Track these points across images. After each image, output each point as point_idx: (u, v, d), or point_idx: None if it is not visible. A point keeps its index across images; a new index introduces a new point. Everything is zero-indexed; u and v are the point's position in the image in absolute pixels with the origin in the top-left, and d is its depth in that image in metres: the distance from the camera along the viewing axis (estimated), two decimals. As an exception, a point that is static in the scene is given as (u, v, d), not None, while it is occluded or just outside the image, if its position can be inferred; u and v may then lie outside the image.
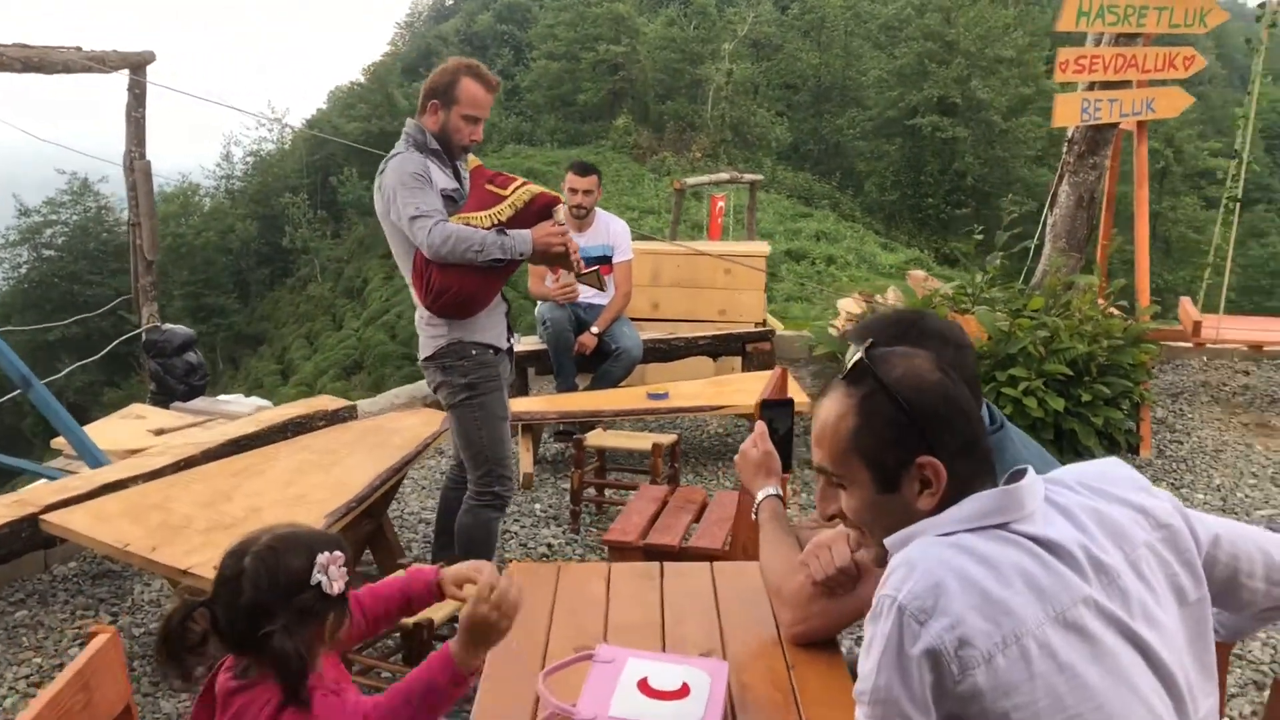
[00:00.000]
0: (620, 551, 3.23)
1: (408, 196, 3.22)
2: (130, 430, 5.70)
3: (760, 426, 2.18)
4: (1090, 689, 1.26)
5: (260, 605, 1.55)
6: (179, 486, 3.55)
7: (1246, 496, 4.95)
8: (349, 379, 31.84)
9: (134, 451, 5.01)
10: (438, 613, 2.91)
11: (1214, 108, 38.74)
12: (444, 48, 50.58)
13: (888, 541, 1.42)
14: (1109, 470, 1.50)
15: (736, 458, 2.21)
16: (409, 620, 2.85)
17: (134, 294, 7.96)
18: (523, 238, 3.29)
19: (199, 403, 7.03)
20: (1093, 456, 5.03)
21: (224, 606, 1.58)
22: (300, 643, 1.56)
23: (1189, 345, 6.56)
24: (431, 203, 3.23)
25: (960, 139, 36.71)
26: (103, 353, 8.80)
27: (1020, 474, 1.40)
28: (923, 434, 1.39)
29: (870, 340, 1.47)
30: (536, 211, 3.39)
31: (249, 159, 49.08)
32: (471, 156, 3.50)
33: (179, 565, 3.01)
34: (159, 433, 5.60)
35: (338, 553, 1.61)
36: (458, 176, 3.45)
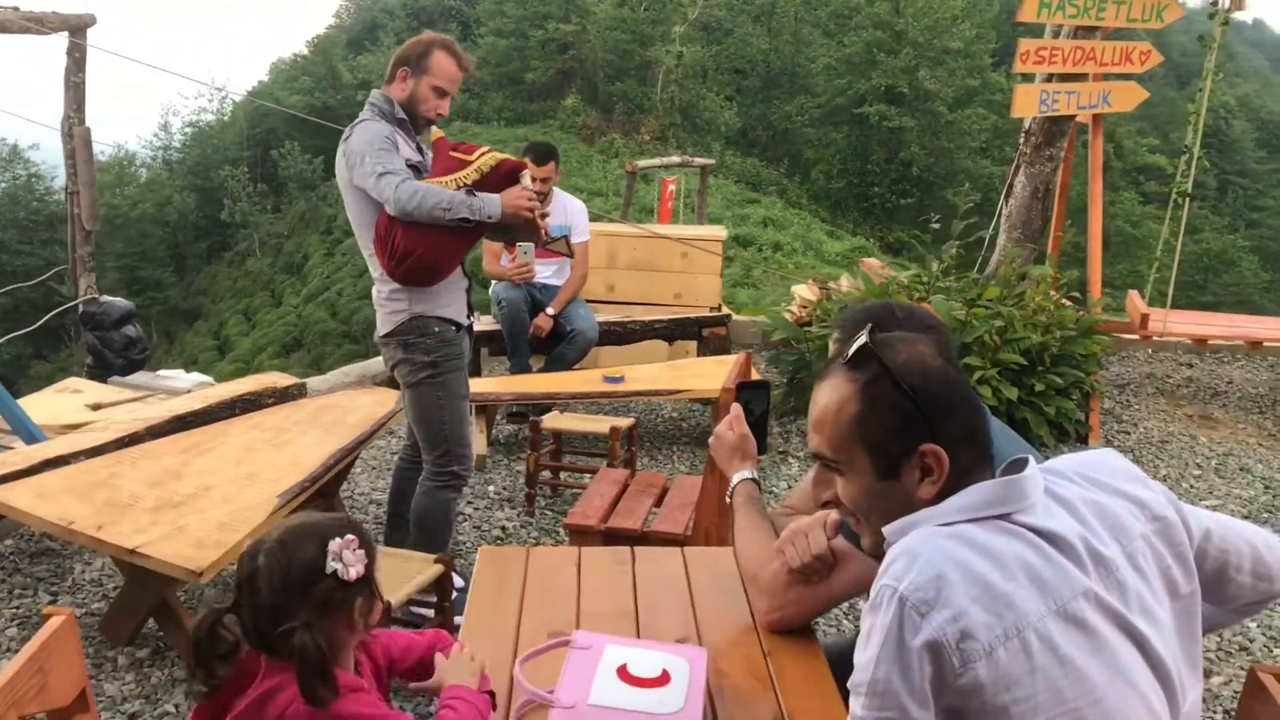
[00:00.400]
0: (581, 535, 3.19)
1: (374, 158, 3.16)
2: (66, 405, 5.54)
3: (736, 409, 2.15)
4: (1089, 682, 1.25)
5: (279, 603, 1.50)
6: (125, 463, 3.44)
7: (1191, 487, 5.04)
8: (288, 356, 31.33)
9: (71, 427, 4.86)
10: (393, 595, 2.85)
11: (1153, 105, 39.43)
12: (389, 21, 49.91)
13: (887, 530, 1.39)
14: (1107, 462, 1.48)
15: (711, 440, 2.18)
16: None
17: (71, 264, 7.74)
18: (491, 200, 3.23)
19: (138, 377, 6.85)
20: (1043, 446, 5.12)
21: (247, 609, 1.53)
22: (323, 636, 1.50)
23: (1135, 338, 6.66)
24: (398, 164, 3.18)
25: (907, 129, 37.01)
26: (39, 324, 8.57)
27: (1021, 464, 1.38)
28: (927, 421, 1.37)
29: (871, 325, 1.44)
30: (503, 176, 3.32)
31: (187, 130, 47.99)
32: (435, 129, 3.43)
33: (126, 545, 2.92)
34: (96, 407, 5.45)
35: (350, 536, 1.54)
36: (420, 150, 3.39)
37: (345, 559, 1.53)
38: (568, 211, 5.59)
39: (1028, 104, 5.79)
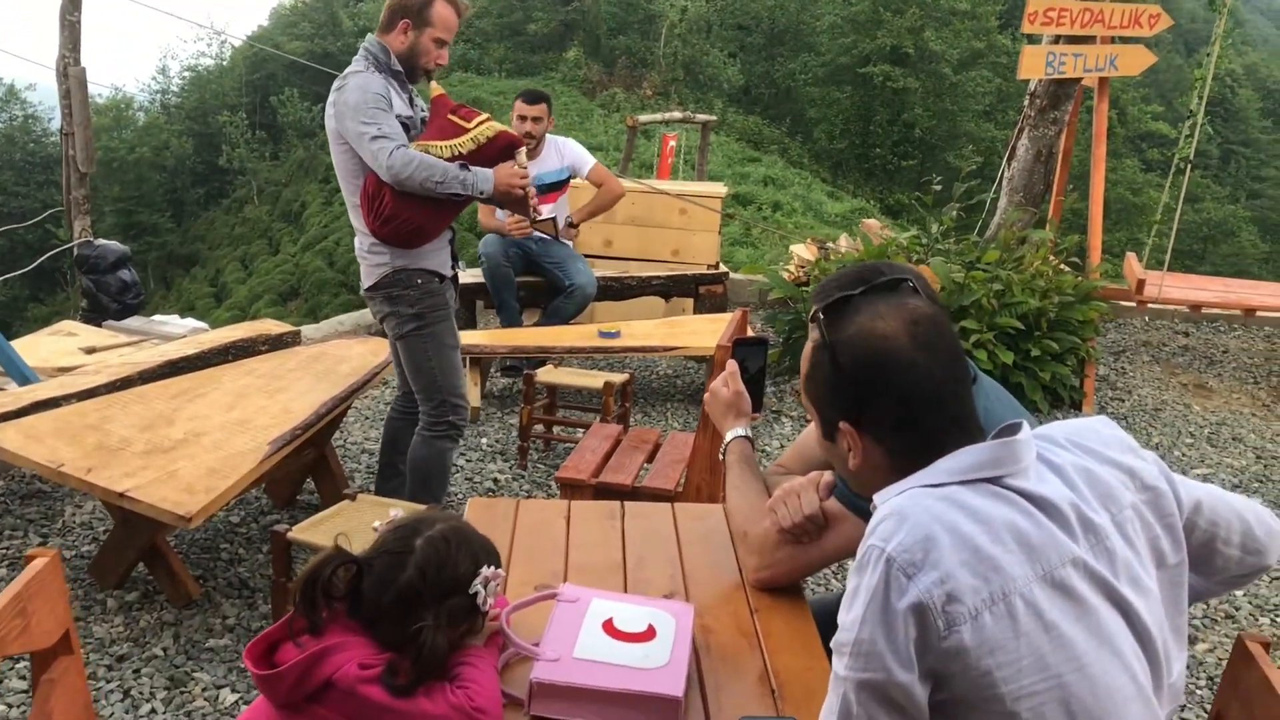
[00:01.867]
0: (572, 489, 3.19)
1: (367, 118, 3.11)
2: (60, 347, 5.52)
3: (732, 365, 2.13)
4: (1073, 649, 1.24)
5: (418, 592, 1.48)
6: (116, 407, 3.43)
7: (1183, 455, 5.04)
8: (285, 305, 31.26)
9: (64, 370, 4.84)
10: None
11: (1158, 71, 39.18)
12: (392, -33, 49.15)
13: (876, 496, 1.38)
14: (1099, 429, 1.47)
15: (706, 396, 2.16)
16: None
17: (66, 207, 7.68)
18: (484, 176, 3.20)
19: (133, 322, 6.83)
20: (1037, 411, 5.12)
21: (378, 576, 1.50)
22: (448, 641, 1.50)
23: (1132, 305, 6.65)
24: (393, 126, 3.14)
25: (910, 90, 36.72)
26: (33, 265, 8.51)
27: (1015, 428, 1.37)
28: (854, 399, 1.39)
29: (847, 291, 1.43)
30: (499, 149, 3.29)
31: (186, 74, 47.54)
32: (435, 84, 3.38)
33: (116, 488, 2.91)
34: (90, 351, 5.43)
35: (499, 570, 1.55)
36: (412, 104, 3.34)
37: (489, 589, 1.53)
38: (563, 153, 5.54)
39: (1034, 65, 5.74)
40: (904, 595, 1.23)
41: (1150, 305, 6.43)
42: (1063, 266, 5.67)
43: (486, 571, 1.53)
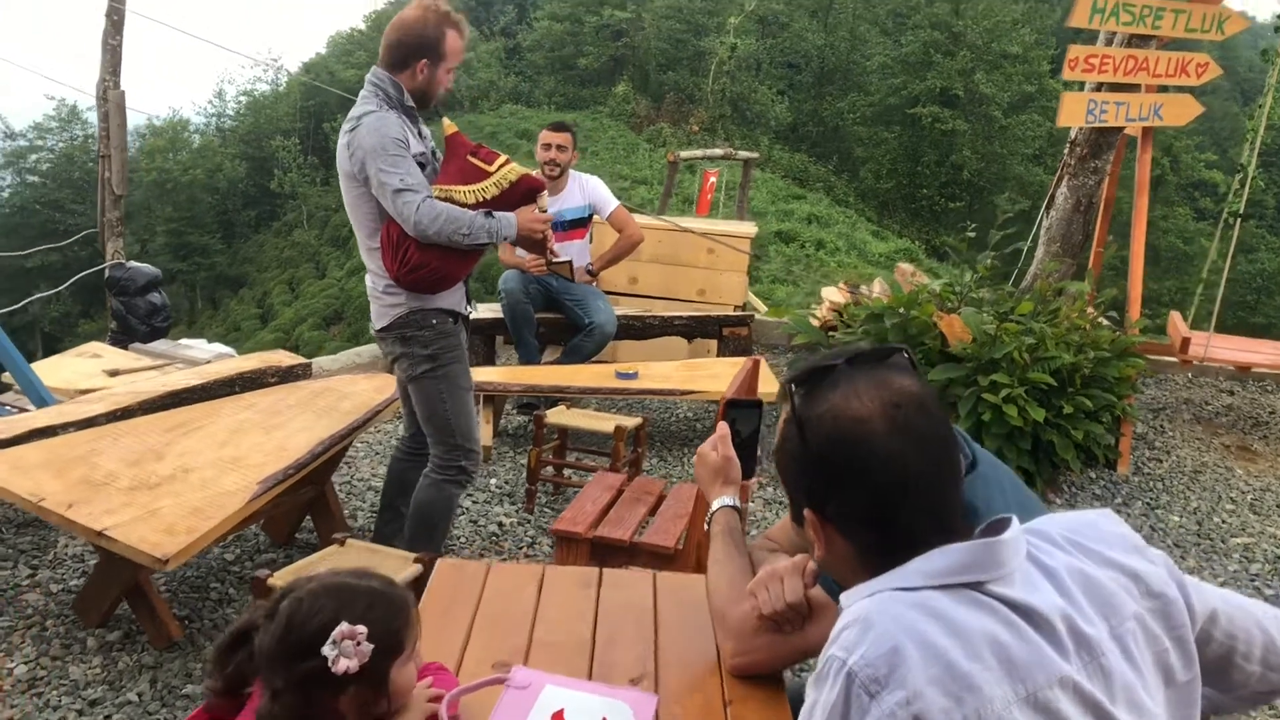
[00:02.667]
0: (568, 543, 3.05)
1: (388, 164, 3.01)
2: (84, 369, 5.52)
3: (722, 428, 1.99)
4: None
5: (270, 657, 1.37)
6: (108, 439, 3.35)
7: (1223, 522, 4.81)
8: (328, 329, 31.55)
9: (85, 392, 4.82)
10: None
11: (1214, 119, 38.67)
12: None
13: (842, 596, 1.24)
14: (1100, 525, 1.31)
15: (694, 459, 2.03)
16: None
17: (100, 228, 7.73)
18: (508, 221, 3.14)
19: (159, 345, 6.82)
20: (1069, 470, 4.91)
21: (258, 641, 1.41)
22: (288, 714, 1.36)
23: (1174, 360, 6.41)
24: (415, 174, 3.04)
25: (959, 132, 36.51)
26: (64, 286, 8.58)
27: (1002, 525, 1.22)
28: (821, 486, 1.25)
29: (827, 361, 1.29)
30: (522, 194, 3.21)
31: (242, 98, 48.43)
32: (447, 121, 3.29)
33: (94, 526, 2.82)
34: (114, 373, 5.42)
35: (361, 627, 1.38)
36: (421, 136, 3.25)
37: (343, 648, 1.37)
38: (585, 190, 5.48)
39: (1074, 113, 5.56)
40: (865, 715, 1.08)
41: (1194, 363, 6.19)
42: (1101, 320, 5.46)
43: (340, 629, 1.36)
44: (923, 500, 1.21)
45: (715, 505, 1.94)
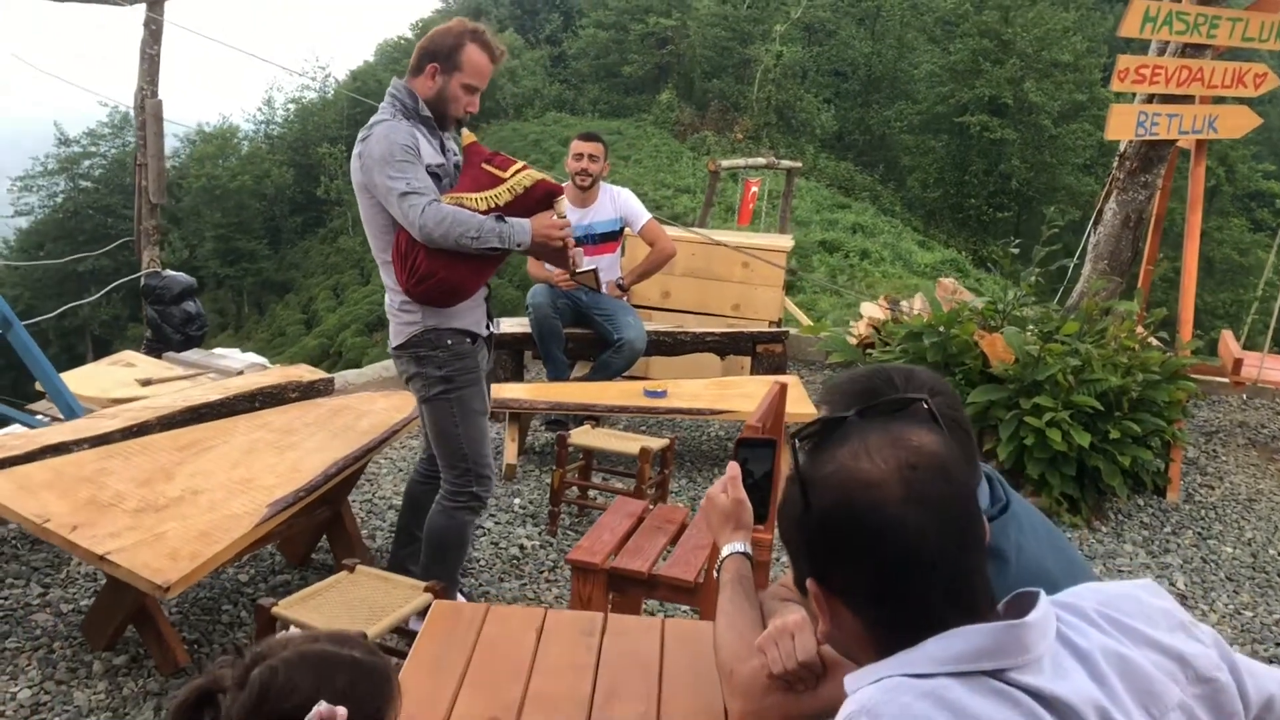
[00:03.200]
0: (584, 573, 2.93)
1: (396, 171, 2.92)
2: (117, 378, 5.52)
3: (733, 468, 1.86)
4: None
5: None
6: (119, 458, 3.28)
7: (1279, 555, 4.59)
8: (370, 335, 31.72)
9: (118, 401, 4.80)
10: (372, 627, 2.63)
11: (1273, 129, 37.77)
12: (494, 8, 50.17)
13: (848, 678, 1.11)
14: (1141, 599, 1.16)
15: (703, 502, 1.90)
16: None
17: (136, 236, 7.77)
18: (522, 227, 3.00)
19: (192, 354, 6.82)
20: (1115, 497, 4.71)
21: (226, 708, 1.31)
22: None
23: (1226, 381, 6.17)
24: (423, 179, 2.95)
25: (1008, 141, 35.99)
26: (100, 294, 8.65)
27: (1029, 601, 1.08)
28: (824, 555, 1.12)
29: (837, 411, 1.16)
30: (538, 199, 3.09)
31: (290, 106, 48.93)
32: (466, 131, 3.19)
33: (97, 550, 2.75)
34: (146, 383, 5.40)
35: (341, 709, 1.26)
36: (444, 150, 3.15)
37: None
38: (617, 203, 5.38)
39: (1123, 126, 5.35)
40: None
41: (1247, 384, 5.95)
42: (1151, 340, 5.26)
43: (318, 709, 1.25)
44: (940, 576, 1.07)
45: (725, 551, 1.81)
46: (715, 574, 1.83)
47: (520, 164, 3.16)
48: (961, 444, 1.31)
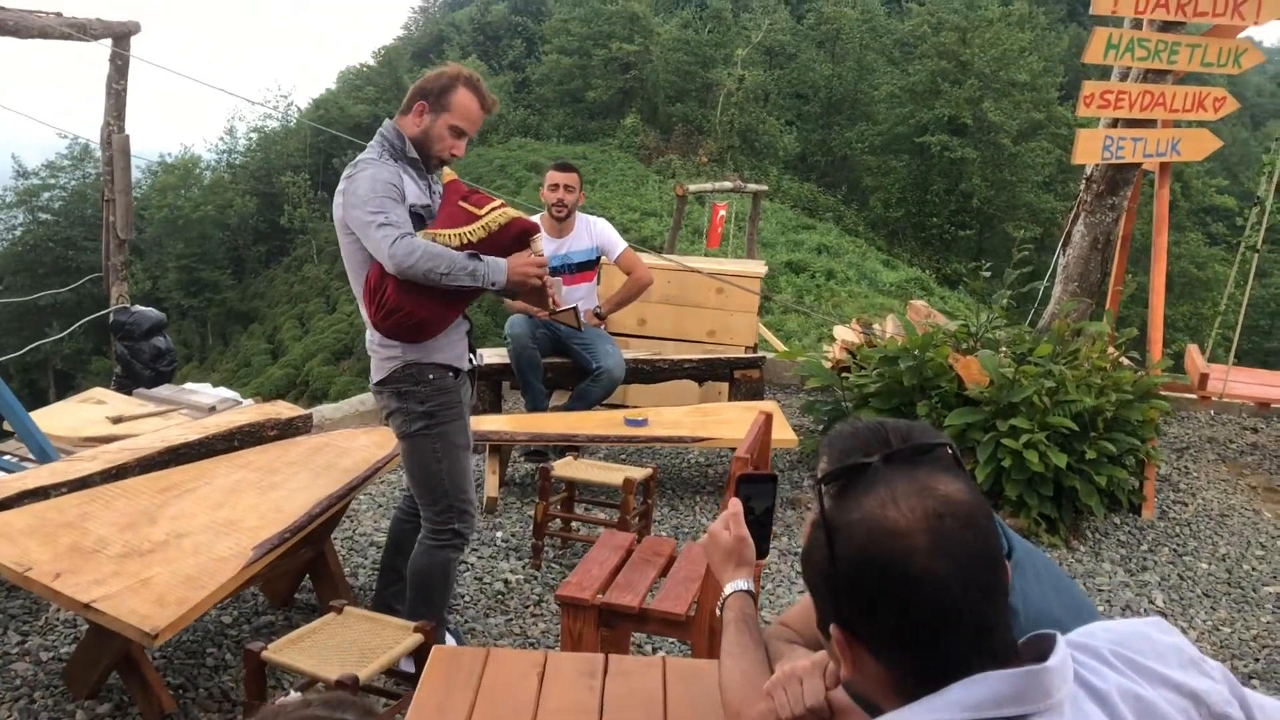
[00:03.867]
0: (574, 609, 2.93)
1: (375, 206, 2.91)
2: (88, 416, 5.43)
3: (735, 505, 1.87)
4: None
5: None
6: (100, 502, 3.24)
7: (1253, 569, 4.66)
8: (337, 364, 31.55)
9: (89, 439, 4.73)
10: (363, 669, 2.61)
11: (1224, 144, 38.58)
12: (456, 35, 50.33)
13: None
14: (1153, 637, 1.18)
15: (704, 539, 1.91)
16: (332, 676, 2.56)
17: (104, 272, 7.68)
18: (497, 266, 2.99)
19: (163, 390, 6.72)
20: (1092, 516, 4.76)
21: None
22: None
23: (1194, 397, 6.27)
24: (401, 215, 2.93)
25: (969, 160, 36.49)
26: (68, 331, 8.53)
27: (1047, 643, 1.10)
28: (850, 604, 1.12)
29: (861, 457, 1.16)
30: (513, 237, 3.09)
31: (252, 135, 48.74)
32: (447, 170, 3.20)
33: (81, 598, 2.70)
34: (117, 420, 5.33)
35: None
36: (430, 192, 3.15)
37: None
38: (593, 233, 5.40)
39: (1090, 150, 5.45)
40: None
41: (1215, 398, 6.04)
42: (1122, 360, 5.33)
43: None
44: (966, 625, 1.08)
45: (728, 590, 1.81)
46: (718, 612, 1.83)
47: (497, 201, 3.15)
48: None
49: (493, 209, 3.10)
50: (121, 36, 7.22)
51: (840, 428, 1.51)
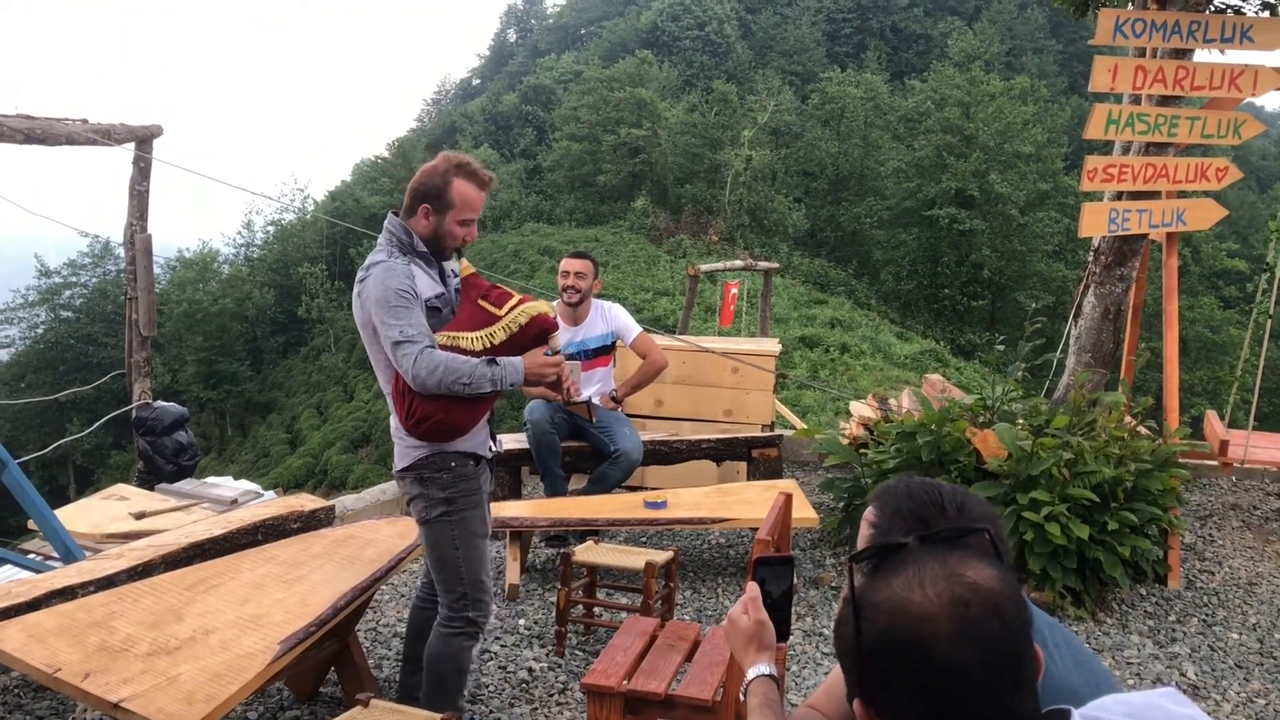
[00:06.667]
0: (600, 697, 2.92)
1: (392, 318, 2.97)
2: (111, 512, 5.48)
3: (753, 589, 1.89)
4: None
5: None
6: (127, 600, 3.27)
7: (1285, 638, 4.60)
8: (356, 451, 31.62)
9: (113, 536, 4.77)
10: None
11: (1232, 207, 38.73)
12: (468, 125, 51.33)
13: None
14: (1167, 709, 1.20)
15: (725, 625, 1.93)
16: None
17: (127, 369, 7.78)
18: (514, 368, 3.06)
19: (185, 485, 6.78)
20: (1118, 587, 4.72)
21: None
22: None
23: (1215, 463, 6.24)
24: (417, 324, 2.98)
25: (977, 231, 36.78)
26: (90, 430, 8.62)
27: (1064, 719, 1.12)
28: (872, 680, 1.15)
29: (897, 538, 1.20)
30: (533, 336, 3.16)
31: (269, 228, 49.56)
32: (465, 262, 3.27)
33: (110, 698, 2.72)
34: (140, 516, 5.38)
35: None
36: (443, 277, 3.22)
37: None
38: (608, 319, 5.48)
39: (1096, 223, 5.52)
40: None
41: (1235, 464, 6.01)
42: (1140, 429, 5.33)
43: None
44: (986, 711, 1.10)
45: (750, 675, 1.83)
46: (741, 697, 1.84)
47: (516, 298, 3.21)
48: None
49: (512, 308, 3.16)
50: (144, 140, 7.43)
51: (896, 483, 1.53)
